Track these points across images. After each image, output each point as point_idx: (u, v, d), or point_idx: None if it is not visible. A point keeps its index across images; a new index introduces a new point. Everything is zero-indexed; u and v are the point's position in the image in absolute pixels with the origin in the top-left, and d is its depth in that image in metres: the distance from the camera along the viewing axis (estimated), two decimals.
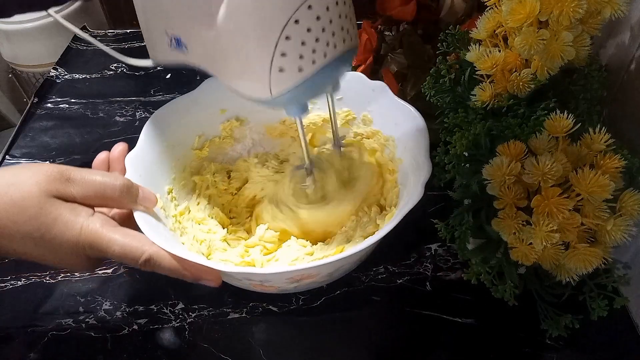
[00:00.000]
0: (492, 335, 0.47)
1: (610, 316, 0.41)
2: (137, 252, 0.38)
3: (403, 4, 0.64)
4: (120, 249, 0.38)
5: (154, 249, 0.38)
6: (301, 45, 0.35)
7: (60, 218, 0.36)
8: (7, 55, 1.24)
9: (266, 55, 0.35)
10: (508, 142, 0.40)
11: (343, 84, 0.53)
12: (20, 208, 0.36)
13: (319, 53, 0.36)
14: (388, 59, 0.65)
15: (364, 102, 0.54)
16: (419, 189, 0.42)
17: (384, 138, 0.53)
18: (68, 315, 0.49)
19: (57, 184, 0.37)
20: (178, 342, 0.47)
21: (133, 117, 0.73)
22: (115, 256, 0.38)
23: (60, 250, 0.37)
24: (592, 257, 0.38)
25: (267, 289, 0.46)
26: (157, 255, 0.38)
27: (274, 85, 0.37)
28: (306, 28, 0.35)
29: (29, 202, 0.36)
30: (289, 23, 0.34)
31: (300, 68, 0.36)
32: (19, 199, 0.36)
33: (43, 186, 0.37)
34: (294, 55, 0.36)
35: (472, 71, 0.47)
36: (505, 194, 0.39)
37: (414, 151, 0.47)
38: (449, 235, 0.44)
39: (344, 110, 0.56)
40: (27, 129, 0.72)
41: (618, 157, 0.38)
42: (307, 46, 0.36)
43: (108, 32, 0.91)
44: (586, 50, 0.42)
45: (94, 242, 0.37)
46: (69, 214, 0.37)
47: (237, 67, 0.38)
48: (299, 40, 0.35)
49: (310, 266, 0.39)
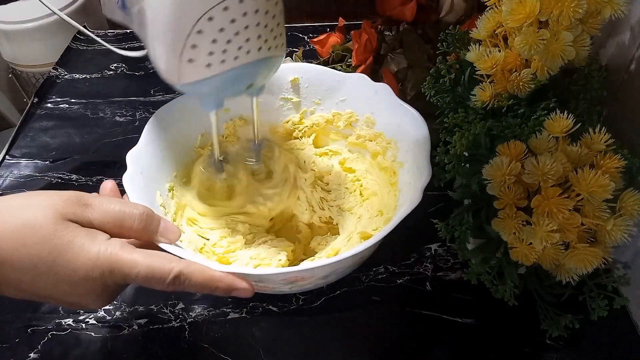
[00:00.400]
0: (492, 335, 0.47)
1: (610, 316, 0.41)
2: (165, 270, 0.35)
3: (403, 4, 0.64)
4: (145, 270, 0.34)
5: (182, 264, 0.35)
6: (212, 42, 0.36)
7: (75, 241, 0.33)
8: (7, 55, 1.24)
9: (179, 42, 0.36)
10: (508, 142, 0.40)
11: (347, 85, 0.53)
12: (31, 229, 0.32)
13: (229, 54, 0.37)
14: (388, 59, 0.65)
15: (367, 103, 0.54)
16: (417, 193, 0.41)
17: (386, 140, 0.53)
18: (68, 315, 0.49)
19: (74, 207, 0.34)
20: (178, 342, 0.47)
21: (133, 117, 0.73)
22: (140, 278, 0.34)
23: (73, 277, 0.33)
24: (592, 257, 0.38)
25: (263, 289, 0.46)
26: (187, 270, 0.35)
27: (182, 74, 0.38)
28: (219, 27, 0.35)
29: (42, 223, 0.33)
30: (202, 18, 0.35)
31: (209, 64, 0.37)
32: (30, 220, 0.32)
33: (58, 208, 0.34)
34: (203, 50, 0.36)
35: (472, 71, 0.47)
36: (505, 194, 0.39)
37: (415, 155, 0.47)
38: (449, 235, 0.44)
39: (347, 112, 0.56)
40: (27, 129, 0.72)
41: (618, 157, 0.38)
42: (217, 44, 0.36)
43: (108, 32, 0.91)
44: (586, 50, 0.42)
45: (114, 265, 0.34)
46: (84, 237, 0.34)
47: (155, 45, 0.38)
48: (211, 37, 0.36)
49: (303, 268, 0.39)
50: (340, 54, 0.70)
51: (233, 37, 0.36)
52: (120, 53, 0.53)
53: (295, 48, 0.79)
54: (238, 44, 0.37)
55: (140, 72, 0.81)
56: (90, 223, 0.35)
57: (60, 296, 0.34)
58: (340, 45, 0.71)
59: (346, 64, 0.69)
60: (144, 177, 0.45)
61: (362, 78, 0.53)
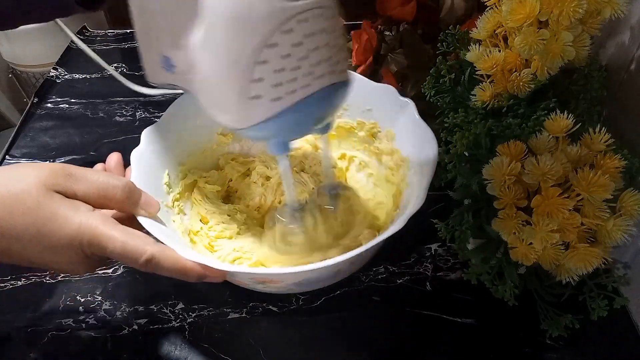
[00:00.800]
0: (492, 335, 0.47)
1: (610, 316, 0.41)
2: (138, 251, 0.36)
3: (403, 4, 0.64)
4: (120, 247, 0.36)
5: (156, 248, 0.36)
6: (279, 72, 0.32)
7: (58, 212, 0.35)
8: (7, 55, 1.24)
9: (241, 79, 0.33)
10: (508, 142, 0.40)
11: (374, 95, 0.52)
12: (18, 200, 0.34)
13: (299, 82, 0.33)
14: (388, 59, 0.65)
15: (390, 117, 0.52)
16: (404, 218, 0.39)
17: (400, 158, 0.52)
18: (68, 315, 0.49)
19: (58, 179, 0.36)
20: (178, 342, 0.47)
21: (133, 117, 0.73)
22: (115, 254, 0.36)
23: (58, 246, 0.35)
24: (592, 257, 0.38)
25: (270, 288, 0.46)
26: (159, 254, 0.36)
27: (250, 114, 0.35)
28: (285, 53, 0.32)
29: (28, 194, 0.34)
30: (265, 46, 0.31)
31: (277, 97, 0.33)
32: (17, 191, 0.34)
33: (43, 180, 0.35)
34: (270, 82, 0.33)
35: (472, 71, 0.47)
36: (505, 194, 0.39)
37: (419, 179, 0.45)
38: (449, 235, 0.44)
39: (371, 122, 0.55)
40: (27, 129, 0.72)
41: (618, 157, 0.38)
42: (285, 73, 0.33)
43: (108, 32, 0.91)
44: (586, 50, 0.42)
45: (92, 238, 0.35)
46: (67, 208, 0.35)
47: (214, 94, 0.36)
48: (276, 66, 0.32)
49: (267, 272, 0.39)
50: None
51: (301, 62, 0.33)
52: (133, 88, 0.53)
53: None
54: (307, 69, 0.33)
55: (140, 72, 0.81)
56: (74, 193, 0.37)
57: (46, 262, 0.36)
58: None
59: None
60: (154, 155, 0.46)
61: (390, 90, 0.51)
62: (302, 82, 0.33)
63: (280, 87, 0.33)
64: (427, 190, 0.41)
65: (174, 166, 0.52)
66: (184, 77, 0.39)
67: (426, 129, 0.47)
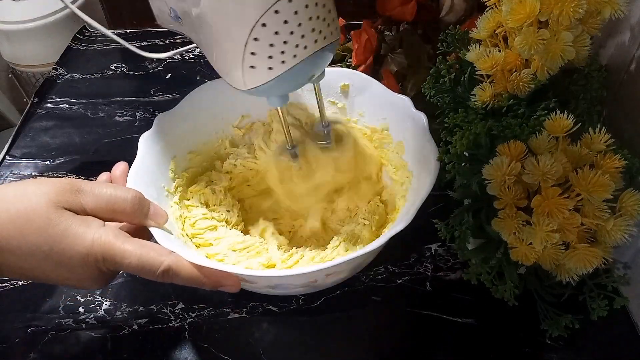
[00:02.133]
0: (492, 335, 0.47)
1: (610, 316, 0.41)
2: (154, 263, 0.36)
3: (403, 4, 0.64)
4: (136, 261, 0.36)
5: (172, 258, 0.37)
6: (270, 46, 0.37)
7: (70, 230, 0.35)
8: (7, 55, 1.24)
9: (238, 52, 0.37)
10: (508, 142, 0.40)
11: (391, 105, 0.53)
12: (27, 219, 0.34)
13: (288, 54, 0.38)
14: (388, 59, 0.65)
15: (402, 129, 0.52)
16: (382, 240, 0.40)
17: (407, 173, 0.51)
18: (68, 315, 0.49)
19: (66, 195, 0.36)
20: (178, 342, 0.47)
21: (133, 117, 0.73)
22: (132, 268, 0.36)
23: (70, 264, 0.35)
24: (592, 257, 0.38)
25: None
26: (176, 264, 0.37)
27: (247, 80, 0.39)
28: (274, 31, 0.36)
29: (37, 213, 0.34)
30: (256, 25, 0.36)
31: (270, 67, 0.38)
32: (26, 210, 0.34)
33: (52, 197, 0.35)
34: (263, 56, 0.37)
35: (472, 71, 0.47)
36: (505, 194, 0.39)
37: (414, 199, 0.46)
38: (449, 235, 0.44)
39: (384, 133, 0.54)
40: (27, 129, 0.72)
41: (618, 157, 0.38)
42: (275, 47, 0.37)
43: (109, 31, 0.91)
44: (586, 50, 0.42)
45: (107, 254, 0.35)
46: (79, 225, 0.35)
47: (217, 54, 0.40)
48: (268, 42, 0.37)
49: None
50: (340, 54, 0.70)
51: (289, 37, 0.37)
52: (142, 54, 0.54)
53: None
54: (295, 42, 0.37)
55: (140, 72, 0.81)
56: (83, 209, 0.36)
57: (60, 279, 0.36)
58: (340, 45, 0.71)
59: (346, 64, 0.69)
60: (164, 140, 0.49)
61: (406, 102, 0.51)
62: (290, 53, 0.38)
63: (272, 59, 0.38)
64: (414, 214, 0.41)
65: (183, 154, 0.53)
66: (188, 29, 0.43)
67: (432, 147, 0.47)
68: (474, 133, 0.43)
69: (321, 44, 0.39)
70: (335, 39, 0.41)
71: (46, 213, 0.34)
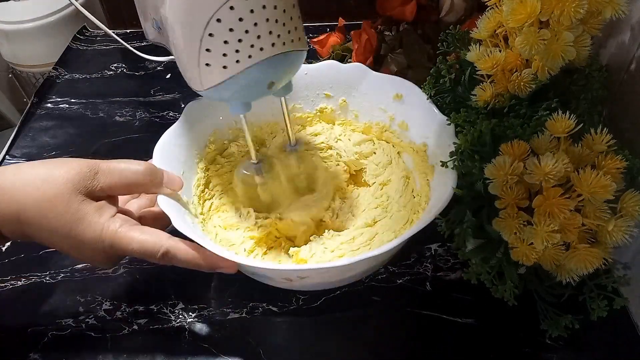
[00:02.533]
0: (492, 335, 0.47)
1: (610, 316, 0.41)
2: (154, 247, 0.40)
3: (403, 4, 0.64)
4: (138, 246, 0.40)
5: (170, 242, 0.40)
6: (224, 44, 0.37)
7: (85, 218, 0.39)
8: (7, 55, 1.24)
9: (195, 49, 0.37)
10: (511, 141, 0.40)
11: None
12: (51, 204, 0.38)
13: (242, 54, 0.37)
14: (388, 59, 0.65)
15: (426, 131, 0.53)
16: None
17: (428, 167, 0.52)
18: (68, 315, 0.49)
19: (86, 181, 0.39)
20: (178, 342, 0.47)
21: (133, 117, 0.73)
22: (135, 253, 0.40)
23: (83, 246, 0.39)
24: (593, 257, 0.38)
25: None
26: (173, 248, 0.40)
27: (203, 79, 0.39)
28: (228, 27, 0.36)
29: (60, 199, 0.38)
30: (211, 20, 0.36)
31: (224, 66, 0.38)
32: (51, 196, 0.38)
33: (75, 184, 0.39)
34: (217, 53, 0.37)
35: (473, 71, 0.47)
36: (507, 193, 0.39)
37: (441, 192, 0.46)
38: (448, 232, 0.44)
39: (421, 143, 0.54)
40: (27, 129, 0.72)
41: (619, 157, 0.38)
42: (230, 45, 0.37)
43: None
44: (587, 50, 0.42)
45: (114, 241, 0.40)
46: (93, 214, 0.39)
47: (179, 57, 0.40)
48: (222, 38, 0.37)
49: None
50: (340, 54, 0.71)
51: (244, 35, 0.37)
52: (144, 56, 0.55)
53: None
54: (250, 42, 0.37)
55: (140, 72, 0.81)
56: (101, 188, 0.40)
57: (76, 255, 0.41)
58: (340, 45, 0.71)
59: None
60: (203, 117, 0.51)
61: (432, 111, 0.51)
62: (245, 53, 0.37)
63: (226, 57, 0.37)
64: None
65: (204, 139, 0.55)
66: (166, 41, 0.44)
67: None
68: (478, 130, 0.43)
69: (280, 49, 0.38)
70: (299, 49, 0.40)
71: (68, 200, 0.38)
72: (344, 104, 0.58)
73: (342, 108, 0.59)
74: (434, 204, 0.44)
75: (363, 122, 0.59)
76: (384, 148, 0.58)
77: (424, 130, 0.52)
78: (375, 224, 0.51)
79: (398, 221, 0.50)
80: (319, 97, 0.58)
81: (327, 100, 0.59)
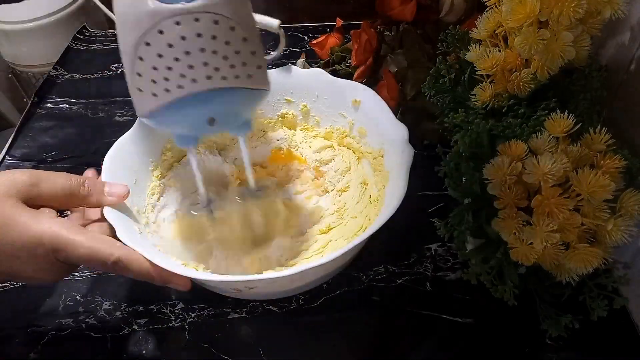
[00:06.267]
0: (492, 335, 0.47)
1: (610, 316, 0.41)
2: (104, 254, 0.36)
3: (403, 4, 0.64)
4: (86, 252, 0.36)
5: (122, 251, 0.37)
6: (152, 69, 0.34)
7: (17, 220, 0.35)
8: (7, 55, 1.23)
9: (129, 71, 0.35)
10: (509, 141, 0.40)
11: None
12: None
13: (172, 83, 0.34)
14: (388, 59, 0.65)
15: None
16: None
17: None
18: (68, 315, 0.49)
19: (27, 189, 0.37)
20: (178, 342, 0.47)
21: (133, 117, 0.72)
22: (82, 259, 0.36)
23: (21, 255, 0.35)
24: (592, 257, 0.38)
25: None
26: (126, 257, 0.37)
27: (138, 105, 0.37)
28: (156, 53, 0.34)
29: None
30: (140, 43, 0.33)
31: (154, 93, 0.35)
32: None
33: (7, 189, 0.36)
34: (147, 78, 0.35)
35: (472, 71, 0.47)
36: (506, 194, 0.39)
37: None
38: (447, 234, 0.44)
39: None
40: (27, 129, 0.72)
41: (618, 157, 0.38)
42: (159, 72, 0.34)
43: (108, 32, 0.91)
44: (586, 50, 0.42)
45: (57, 245, 0.35)
46: (27, 217, 0.35)
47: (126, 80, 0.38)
48: (150, 64, 0.34)
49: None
50: (339, 55, 0.70)
51: (173, 63, 0.34)
52: None
53: (295, 48, 0.79)
54: (180, 70, 0.34)
55: None
56: (41, 198, 0.37)
57: (15, 272, 0.36)
58: (339, 46, 0.71)
59: (346, 64, 0.69)
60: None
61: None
62: (174, 83, 0.34)
63: (155, 84, 0.35)
64: None
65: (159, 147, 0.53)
66: None
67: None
68: (476, 132, 0.43)
69: (217, 83, 0.35)
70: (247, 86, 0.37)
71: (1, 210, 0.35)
72: (305, 109, 0.57)
73: (304, 114, 0.58)
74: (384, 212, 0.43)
75: (324, 127, 0.58)
76: (344, 155, 0.57)
77: (381, 135, 0.51)
78: (330, 230, 0.51)
79: (352, 228, 0.50)
80: (280, 103, 0.57)
81: (289, 105, 0.58)
